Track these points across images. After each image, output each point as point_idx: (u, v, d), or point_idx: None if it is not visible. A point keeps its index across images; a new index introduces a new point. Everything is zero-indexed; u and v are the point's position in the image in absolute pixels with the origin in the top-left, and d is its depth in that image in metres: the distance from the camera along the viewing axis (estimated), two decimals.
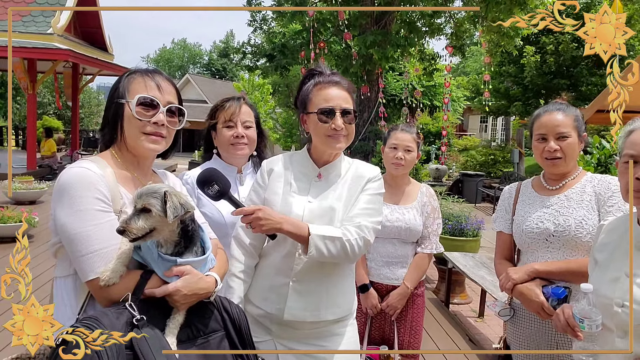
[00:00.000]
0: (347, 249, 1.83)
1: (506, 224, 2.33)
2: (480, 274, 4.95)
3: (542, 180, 2.28)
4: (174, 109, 1.66)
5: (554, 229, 2.10)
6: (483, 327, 5.20)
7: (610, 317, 1.54)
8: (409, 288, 2.82)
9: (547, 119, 2.15)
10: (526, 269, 2.11)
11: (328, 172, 2.00)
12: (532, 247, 2.18)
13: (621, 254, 1.61)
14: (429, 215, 2.89)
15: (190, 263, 1.53)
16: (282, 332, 1.98)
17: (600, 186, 2.10)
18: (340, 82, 1.97)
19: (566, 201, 2.13)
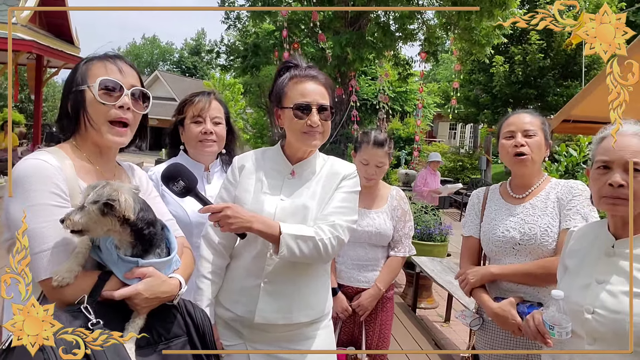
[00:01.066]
0: (320, 248, 1.76)
1: (475, 229, 2.34)
2: (448, 279, 4.97)
3: (508, 188, 2.29)
4: (137, 92, 1.56)
5: (520, 237, 2.11)
6: (449, 332, 5.24)
7: (580, 323, 1.54)
8: (381, 289, 2.79)
9: (516, 117, 2.20)
10: (483, 273, 2.17)
11: (302, 169, 1.94)
12: (499, 255, 2.20)
13: (591, 261, 1.62)
14: (399, 218, 2.86)
15: (153, 264, 1.45)
16: (253, 336, 1.90)
17: (562, 191, 2.13)
18: (318, 76, 1.90)
19: (531, 209, 2.15)
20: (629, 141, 1.51)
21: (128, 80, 1.54)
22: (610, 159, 1.53)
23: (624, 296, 1.48)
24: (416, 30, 13.40)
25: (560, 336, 1.49)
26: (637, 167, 1.48)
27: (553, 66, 16.43)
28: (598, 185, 1.56)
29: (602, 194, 1.54)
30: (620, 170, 1.51)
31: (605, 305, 1.50)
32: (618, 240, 1.57)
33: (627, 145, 1.51)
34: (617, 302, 1.48)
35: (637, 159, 1.49)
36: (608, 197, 1.52)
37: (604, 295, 1.52)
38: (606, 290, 1.52)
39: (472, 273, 2.19)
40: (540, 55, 16.14)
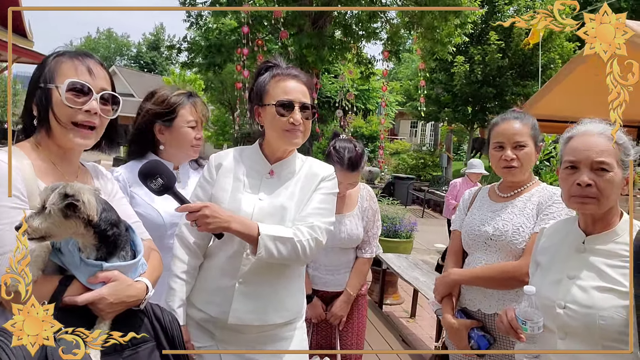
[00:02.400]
0: (298, 250, 1.74)
1: (460, 224, 2.39)
2: (414, 275, 5.03)
3: (496, 189, 2.32)
4: (107, 96, 1.49)
5: (492, 232, 2.14)
6: (415, 328, 5.29)
7: (552, 318, 1.57)
8: (351, 294, 2.77)
9: (505, 127, 2.17)
10: (446, 281, 2.24)
11: (281, 169, 1.91)
12: (472, 248, 2.24)
13: (562, 257, 1.65)
14: (369, 219, 2.82)
15: (117, 268, 1.37)
16: (226, 337, 1.86)
17: (543, 196, 2.15)
18: (299, 75, 1.88)
19: (511, 208, 2.18)
20: (595, 141, 1.54)
21: (98, 83, 1.46)
22: (577, 159, 1.56)
23: (595, 291, 1.51)
24: (379, 29, 13.49)
25: (533, 331, 1.51)
26: (604, 167, 1.51)
27: (511, 66, 16.91)
28: (567, 185, 1.59)
29: (571, 193, 1.57)
30: (587, 170, 1.53)
31: (576, 300, 1.53)
32: (588, 236, 1.60)
33: (594, 145, 1.54)
34: (588, 297, 1.51)
35: (603, 158, 1.51)
36: (577, 196, 1.55)
37: (575, 291, 1.55)
38: (577, 285, 1.55)
39: (439, 282, 2.28)
40: (499, 55, 16.57)
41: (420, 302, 5.59)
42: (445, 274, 2.27)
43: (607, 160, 1.51)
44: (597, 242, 1.58)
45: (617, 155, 1.53)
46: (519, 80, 16.91)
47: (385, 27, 13.47)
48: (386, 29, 13.39)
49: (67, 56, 1.46)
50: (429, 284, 4.78)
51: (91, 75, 1.45)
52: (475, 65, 17.04)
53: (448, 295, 2.25)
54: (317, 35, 11.86)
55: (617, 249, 1.54)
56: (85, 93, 1.43)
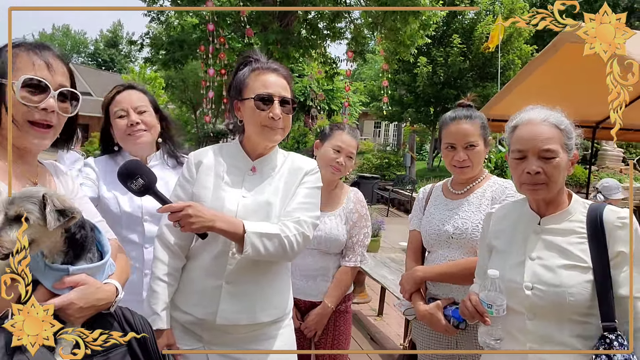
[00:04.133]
0: (285, 246, 1.71)
1: (418, 223, 2.42)
2: (382, 273, 5.05)
3: (449, 185, 2.37)
4: (66, 92, 1.40)
5: (453, 231, 2.19)
6: (382, 326, 5.31)
7: (520, 300, 1.60)
8: (329, 307, 2.52)
9: (456, 129, 2.20)
10: (414, 278, 2.24)
11: (263, 165, 1.87)
12: (434, 247, 2.28)
13: (520, 239, 1.69)
14: (355, 223, 2.60)
15: (85, 271, 1.30)
16: (214, 339, 1.81)
17: (497, 190, 2.21)
18: (279, 69, 1.85)
19: (467, 205, 2.23)
20: (540, 129, 1.61)
21: (56, 79, 1.37)
22: (524, 149, 1.62)
23: (560, 269, 1.57)
24: (344, 29, 13.55)
25: (498, 313, 1.55)
26: (550, 154, 1.58)
27: (471, 68, 17.28)
28: (517, 173, 1.65)
29: (522, 181, 1.63)
30: (534, 158, 1.60)
31: (543, 280, 1.58)
32: (543, 217, 1.67)
33: (538, 133, 1.60)
34: (555, 276, 1.56)
35: (548, 146, 1.58)
36: (527, 184, 1.62)
37: (540, 271, 1.59)
38: (541, 265, 1.60)
39: (405, 280, 2.29)
40: (461, 57, 16.91)
41: (387, 300, 5.61)
42: (410, 271, 2.28)
43: (553, 147, 1.58)
44: (553, 222, 1.65)
45: (561, 140, 1.61)
46: (479, 82, 17.31)
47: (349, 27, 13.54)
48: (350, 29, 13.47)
49: (24, 49, 1.36)
50: (397, 281, 4.76)
51: (49, 70, 1.36)
52: (437, 66, 17.33)
53: (416, 290, 2.27)
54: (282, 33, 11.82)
55: (572, 226, 1.62)
56: (42, 90, 1.34)
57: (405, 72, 18.45)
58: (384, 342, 4.82)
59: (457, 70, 17.07)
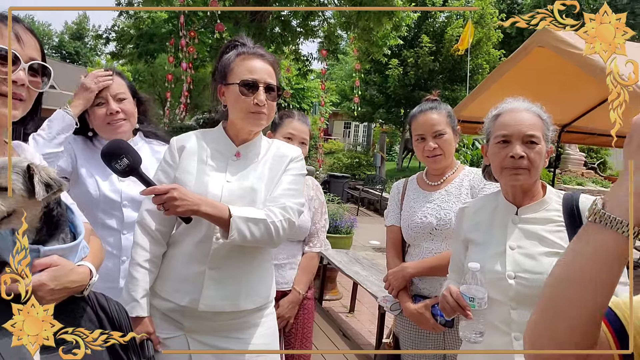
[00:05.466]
0: (271, 231, 1.67)
1: (396, 218, 2.41)
2: (355, 270, 5.06)
3: (424, 177, 2.39)
4: (36, 66, 1.32)
5: (436, 223, 2.20)
6: (354, 322, 5.31)
7: (503, 290, 1.61)
8: (300, 293, 2.52)
9: (423, 119, 2.25)
10: (403, 274, 2.25)
11: (247, 151, 1.83)
12: (417, 240, 2.28)
13: (498, 230, 1.71)
14: (316, 210, 2.63)
15: (57, 251, 1.23)
16: (195, 326, 1.76)
17: (475, 179, 2.25)
18: (265, 55, 1.81)
19: (446, 196, 2.25)
20: (523, 116, 1.66)
21: (27, 52, 1.29)
22: (509, 133, 1.65)
23: (542, 257, 1.59)
24: (317, 28, 13.53)
25: (480, 307, 1.54)
26: (533, 140, 1.62)
27: (441, 70, 17.57)
28: (499, 158, 1.67)
29: (504, 165, 1.65)
30: (519, 143, 1.63)
31: (526, 269, 1.59)
32: (520, 207, 1.69)
33: (523, 119, 1.65)
34: (537, 264, 1.58)
35: (533, 132, 1.62)
36: (510, 168, 1.64)
37: (522, 260, 1.61)
38: (522, 254, 1.62)
39: (393, 277, 2.28)
40: (431, 58, 17.15)
41: (359, 297, 5.63)
42: (399, 268, 2.28)
43: (536, 133, 1.63)
44: (530, 211, 1.68)
45: (542, 129, 1.66)
46: (449, 85, 17.62)
47: (322, 25, 13.53)
48: (323, 27, 13.46)
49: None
50: (370, 277, 4.82)
51: (20, 43, 1.27)
52: (408, 68, 17.54)
53: (403, 288, 2.27)
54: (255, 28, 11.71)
55: (549, 215, 1.66)
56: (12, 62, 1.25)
57: (376, 73, 18.62)
58: (355, 339, 4.82)
59: (427, 72, 17.32)
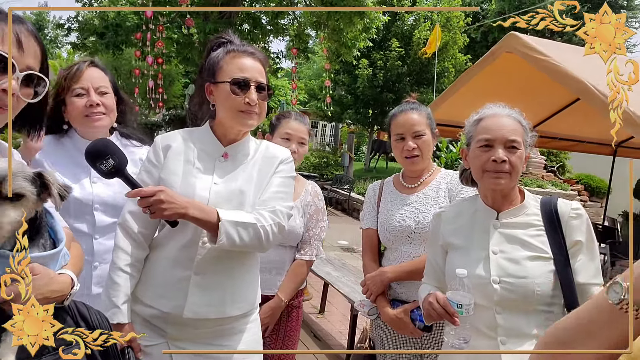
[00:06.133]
0: (261, 236, 1.63)
1: (372, 221, 2.39)
2: (326, 270, 5.07)
3: (401, 179, 2.38)
4: (33, 76, 1.22)
5: (415, 226, 2.20)
6: (324, 323, 5.31)
7: (488, 295, 1.62)
8: (283, 300, 2.43)
9: (404, 119, 2.26)
10: (381, 279, 2.24)
11: (235, 152, 1.77)
12: (395, 243, 2.27)
13: (480, 235, 1.72)
14: (311, 216, 2.55)
15: (37, 260, 1.17)
16: (179, 333, 1.70)
17: (452, 182, 2.25)
18: (256, 53, 1.76)
19: (424, 199, 2.25)
20: (505, 121, 1.69)
21: (25, 60, 1.19)
22: (492, 137, 1.67)
23: (525, 261, 1.61)
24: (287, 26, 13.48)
25: (467, 313, 1.53)
26: (515, 145, 1.65)
27: (409, 73, 17.79)
28: (481, 161, 1.68)
29: (486, 168, 1.67)
30: (501, 147, 1.65)
31: (509, 272, 1.60)
32: (501, 212, 1.71)
33: (505, 124, 1.68)
34: (520, 268, 1.60)
35: (515, 137, 1.65)
36: (491, 171, 1.66)
37: (506, 264, 1.62)
38: (506, 258, 1.63)
39: (372, 282, 2.27)
40: (399, 63, 17.33)
41: (329, 297, 5.63)
42: (378, 273, 2.26)
43: (517, 138, 1.66)
44: (510, 216, 1.70)
45: (522, 135, 1.69)
46: (416, 87, 17.85)
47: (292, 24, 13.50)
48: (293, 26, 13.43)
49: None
50: (342, 278, 4.83)
51: (19, 50, 1.18)
52: (377, 70, 17.67)
53: (381, 292, 2.26)
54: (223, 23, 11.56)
55: (529, 220, 1.68)
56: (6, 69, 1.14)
57: (346, 73, 18.69)
58: (326, 339, 4.81)
59: (395, 75, 17.50)
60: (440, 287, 1.82)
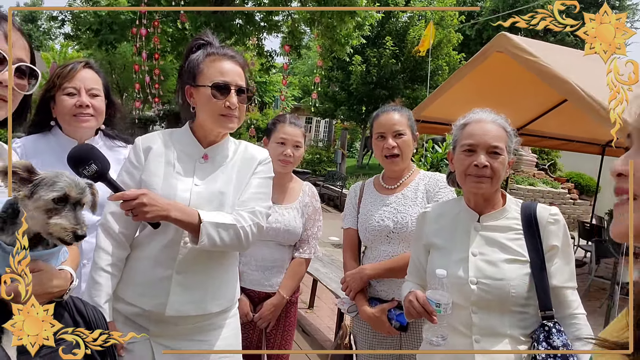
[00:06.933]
0: (241, 236, 1.69)
1: (353, 221, 2.45)
2: (315, 267, 5.12)
3: (381, 181, 2.43)
4: (24, 68, 1.30)
5: (394, 226, 2.25)
6: (313, 318, 5.38)
7: (465, 295, 1.67)
8: (284, 297, 2.53)
9: (385, 118, 2.30)
10: (360, 276, 2.28)
11: (215, 153, 1.82)
12: (375, 243, 2.32)
13: (461, 236, 1.77)
14: (309, 216, 2.64)
15: (40, 257, 1.24)
16: (160, 331, 1.75)
17: (430, 183, 2.31)
18: (236, 56, 1.80)
19: (403, 199, 2.30)
20: (490, 127, 1.73)
21: (15, 53, 1.26)
22: (475, 143, 1.71)
23: (503, 263, 1.66)
24: (281, 23, 13.47)
25: (446, 312, 1.59)
26: (497, 151, 1.69)
27: (403, 70, 17.80)
28: (464, 165, 1.73)
29: (468, 172, 1.72)
30: (484, 152, 1.70)
31: (487, 275, 1.65)
32: (483, 215, 1.76)
33: (489, 130, 1.72)
34: (498, 270, 1.65)
35: (497, 143, 1.69)
36: (473, 175, 1.70)
37: (484, 266, 1.67)
38: (484, 260, 1.68)
39: (351, 279, 2.31)
40: (393, 61, 17.35)
41: (318, 293, 5.69)
42: (357, 270, 2.31)
43: (500, 145, 1.70)
44: (491, 219, 1.75)
45: (506, 141, 1.73)
46: (410, 84, 17.89)
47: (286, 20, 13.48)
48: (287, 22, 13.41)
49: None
50: (329, 274, 4.90)
51: (7, 43, 1.24)
52: (370, 66, 17.69)
53: (361, 290, 2.31)
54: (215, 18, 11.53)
55: (509, 223, 1.73)
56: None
57: (339, 70, 18.68)
58: (314, 334, 4.88)
59: (389, 72, 17.50)
60: (422, 284, 1.88)
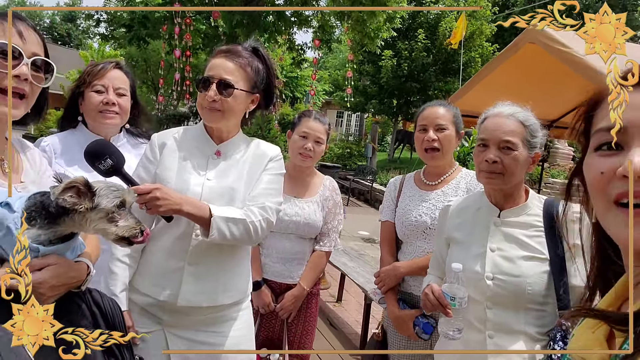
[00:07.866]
0: (250, 230, 1.74)
1: (391, 214, 2.46)
2: (342, 261, 5.15)
3: (422, 176, 2.43)
4: (39, 62, 1.35)
5: (431, 222, 2.25)
6: (341, 311, 5.42)
7: (481, 290, 1.67)
8: (305, 289, 2.60)
9: (429, 111, 2.30)
10: (395, 274, 2.32)
11: (227, 150, 1.87)
12: (411, 238, 2.33)
13: (481, 231, 1.76)
14: (330, 210, 2.68)
15: (55, 251, 1.27)
16: (174, 321, 1.81)
17: (471, 182, 2.29)
18: (229, 52, 1.82)
19: (443, 196, 2.29)
20: (504, 122, 1.70)
21: (29, 48, 1.32)
22: (487, 138, 1.70)
23: (520, 260, 1.65)
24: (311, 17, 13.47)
25: (460, 306, 1.59)
26: (509, 146, 1.66)
27: (434, 63, 17.54)
28: (478, 161, 1.73)
29: (481, 168, 1.72)
30: (495, 148, 1.68)
31: (504, 271, 1.65)
32: (503, 210, 1.74)
33: (502, 125, 1.69)
34: (515, 267, 1.64)
35: (509, 137, 1.66)
36: (484, 171, 1.70)
37: (501, 262, 1.66)
38: (502, 256, 1.67)
39: (385, 275, 2.34)
40: (424, 52, 17.13)
41: (346, 287, 5.72)
42: (392, 267, 2.33)
43: (513, 139, 1.66)
44: (512, 215, 1.73)
45: (523, 135, 1.68)
46: (442, 77, 17.62)
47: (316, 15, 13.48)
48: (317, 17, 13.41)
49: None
50: (357, 268, 4.92)
51: (22, 39, 1.31)
52: (402, 60, 17.51)
53: (392, 288, 2.33)
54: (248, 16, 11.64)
55: (530, 220, 1.70)
56: (14, 57, 1.28)
57: (370, 64, 18.56)
58: (342, 327, 4.93)
59: (420, 65, 17.29)
60: (443, 278, 1.89)
